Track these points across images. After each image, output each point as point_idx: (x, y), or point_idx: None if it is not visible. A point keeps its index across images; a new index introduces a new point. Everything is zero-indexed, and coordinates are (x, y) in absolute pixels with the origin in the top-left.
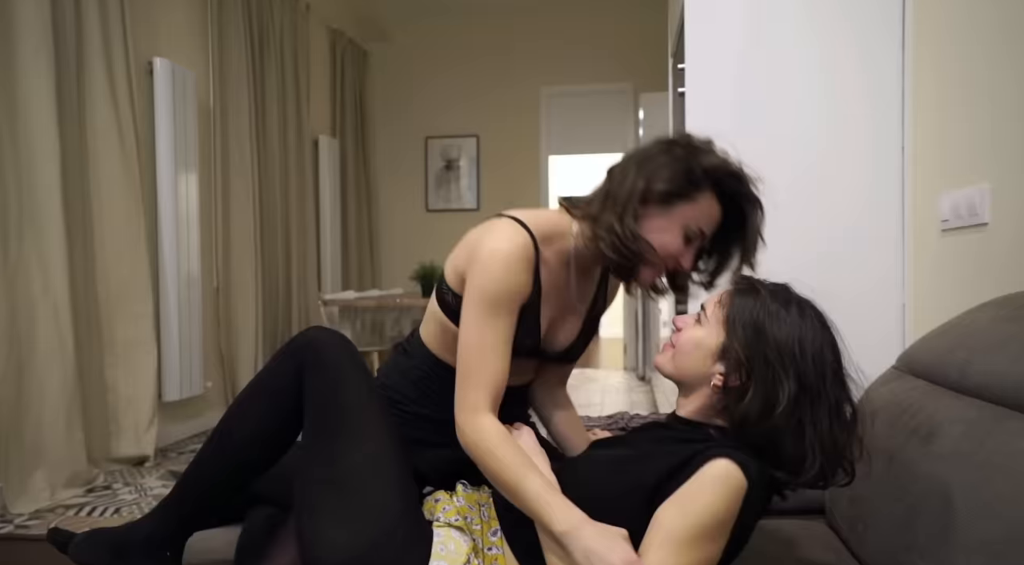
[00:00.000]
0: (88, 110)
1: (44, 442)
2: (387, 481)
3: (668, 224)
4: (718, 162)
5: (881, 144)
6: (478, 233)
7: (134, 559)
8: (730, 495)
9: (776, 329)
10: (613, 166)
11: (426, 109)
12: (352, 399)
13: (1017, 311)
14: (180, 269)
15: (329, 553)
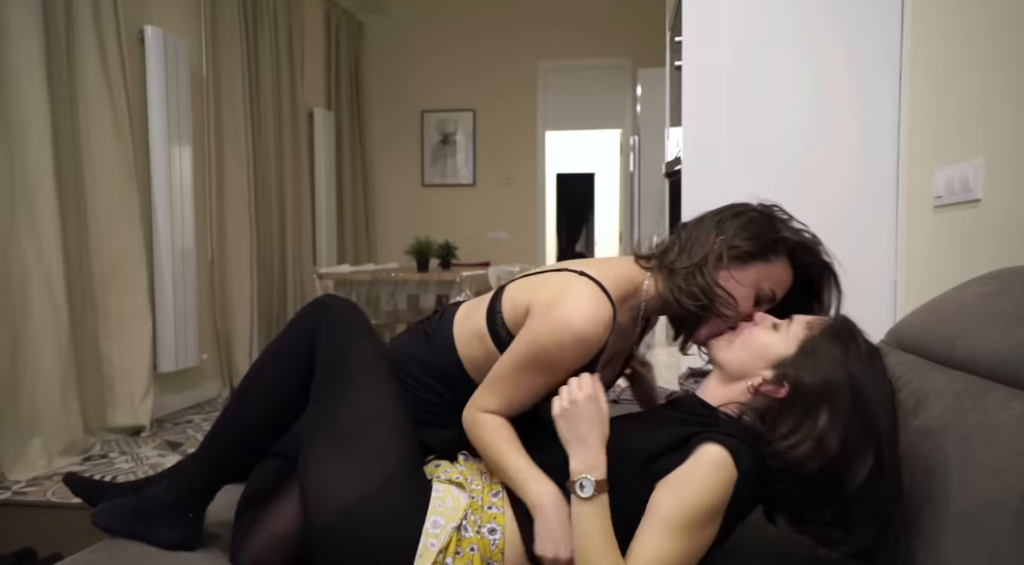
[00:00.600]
0: (79, 79)
1: (40, 411)
2: (388, 433)
3: (743, 283)
4: (795, 229)
5: (877, 120)
6: (556, 288)
7: (159, 524)
8: (721, 482)
9: (850, 380)
10: (687, 222)
11: (422, 82)
12: (358, 356)
13: (1005, 286)
14: (174, 241)
15: (328, 500)
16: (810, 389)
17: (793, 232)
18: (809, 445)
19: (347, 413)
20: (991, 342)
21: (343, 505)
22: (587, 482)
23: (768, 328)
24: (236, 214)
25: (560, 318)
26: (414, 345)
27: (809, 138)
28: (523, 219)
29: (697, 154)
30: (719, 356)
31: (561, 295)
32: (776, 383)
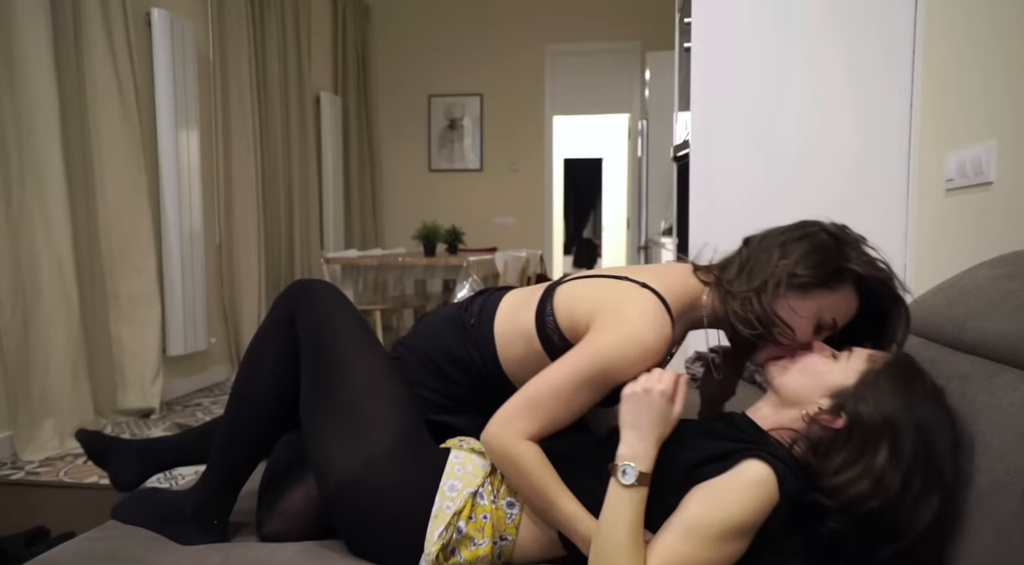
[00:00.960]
0: (86, 62)
1: (51, 392)
2: (385, 400)
3: (803, 310)
4: (865, 259)
5: (889, 103)
6: (619, 299)
7: (185, 529)
8: (759, 501)
9: (914, 421)
10: (751, 237)
11: (429, 67)
12: (341, 330)
13: (1016, 269)
14: (182, 224)
15: (339, 472)
16: (870, 423)
17: (862, 261)
18: (867, 483)
19: (340, 391)
20: (1001, 325)
21: (350, 476)
22: (631, 470)
23: (827, 356)
24: (243, 198)
25: (627, 333)
26: (445, 334)
27: (820, 121)
28: (530, 204)
29: (706, 137)
30: (775, 381)
31: (625, 308)
32: (833, 413)
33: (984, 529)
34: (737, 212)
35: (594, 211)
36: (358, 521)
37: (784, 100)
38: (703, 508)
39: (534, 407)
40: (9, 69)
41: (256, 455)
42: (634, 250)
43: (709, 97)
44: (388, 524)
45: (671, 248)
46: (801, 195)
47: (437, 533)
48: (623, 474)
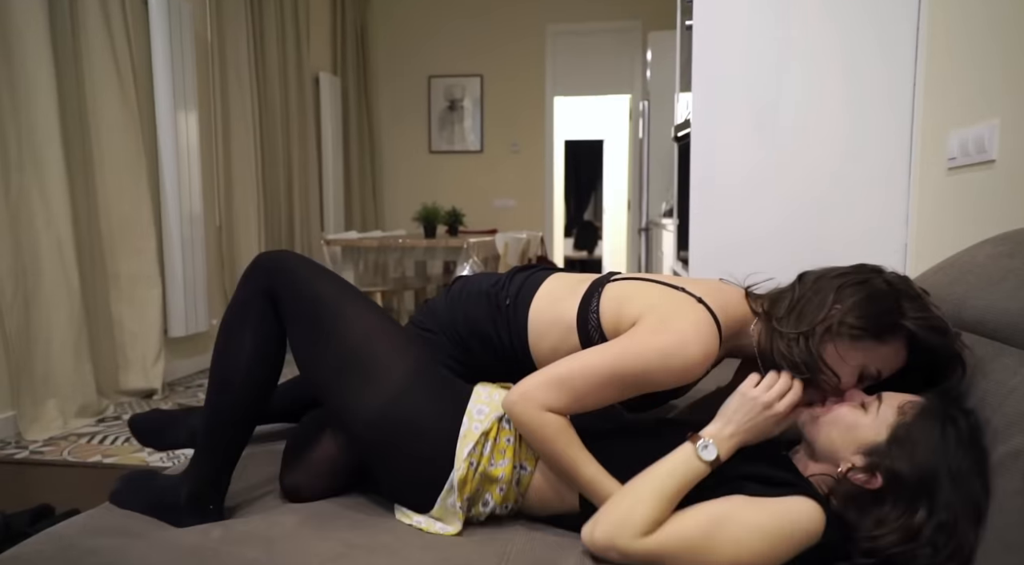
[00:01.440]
0: (83, 43)
1: (54, 373)
2: (387, 346)
3: (849, 359)
4: (921, 316)
5: (892, 82)
6: (674, 308)
7: (182, 516)
8: (799, 531)
9: (950, 472)
10: (808, 273)
11: (429, 47)
12: (325, 290)
13: (1016, 247)
14: (182, 206)
15: (364, 411)
16: (908, 482)
17: (917, 319)
18: (906, 538)
19: (348, 343)
20: (1001, 303)
21: (376, 413)
22: (713, 448)
23: (856, 406)
24: (243, 179)
25: (675, 342)
26: (477, 309)
27: (821, 101)
28: (531, 186)
29: (707, 116)
30: (806, 431)
31: (677, 317)
32: (867, 472)
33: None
34: (738, 192)
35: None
36: (389, 454)
37: (786, 79)
38: (738, 508)
39: (562, 385)
40: (6, 52)
41: (245, 435)
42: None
43: (711, 76)
44: (417, 452)
45: (672, 229)
46: (802, 174)
47: (467, 451)
48: (704, 448)
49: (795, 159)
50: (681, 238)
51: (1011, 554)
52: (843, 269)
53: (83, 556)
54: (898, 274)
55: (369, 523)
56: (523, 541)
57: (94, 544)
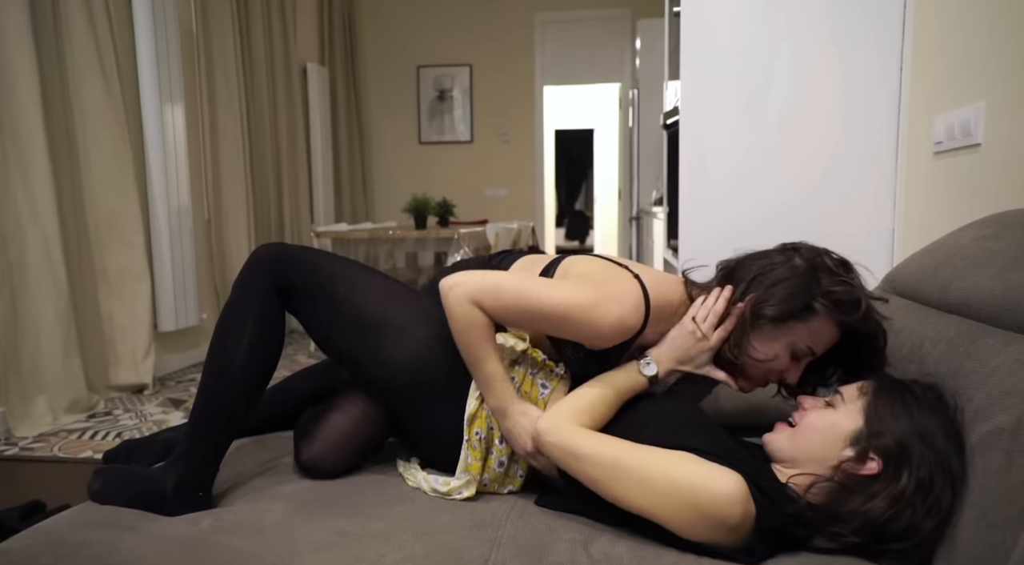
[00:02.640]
0: (66, 36)
1: (43, 369)
2: (408, 302)
3: (775, 340)
4: (838, 290)
5: (879, 66)
6: (610, 273)
7: (170, 505)
8: (704, 499)
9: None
10: (728, 262)
11: (417, 36)
12: (333, 266)
13: (1001, 229)
14: (170, 200)
15: (395, 368)
16: (894, 452)
17: (827, 295)
18: (892, 506)
19: (363, 313)
20: (986, 285)
21: (403, 370)
22: (653, 366)
23: (822, 407)
24: (231, 172)
25: (597, 302)
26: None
27: (809, 85)
28: (521, 176)
29: (695, 102)
30: (783, 450)
31: (610, 282)
32: (862, 460)
33: (972, 485)
34: (727, 179)
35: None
36: (420, 406)
37: (774, 66)
38: (663, 455)
39: (494, 291)
40: None
41: (233, 426)
42: (626, 221)
43: (699, 63)
44: (443, 399)
45: (662, 218)
46: (791, 161)
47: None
48: (647, 365)
49: (784, 146)
50: (671, 226)
51: (994, 531)
52: (760, 252)
53: (73, 549)
54: (816, 248)
55: (361, 510)
56: (514, 527)
57: (84, 537)
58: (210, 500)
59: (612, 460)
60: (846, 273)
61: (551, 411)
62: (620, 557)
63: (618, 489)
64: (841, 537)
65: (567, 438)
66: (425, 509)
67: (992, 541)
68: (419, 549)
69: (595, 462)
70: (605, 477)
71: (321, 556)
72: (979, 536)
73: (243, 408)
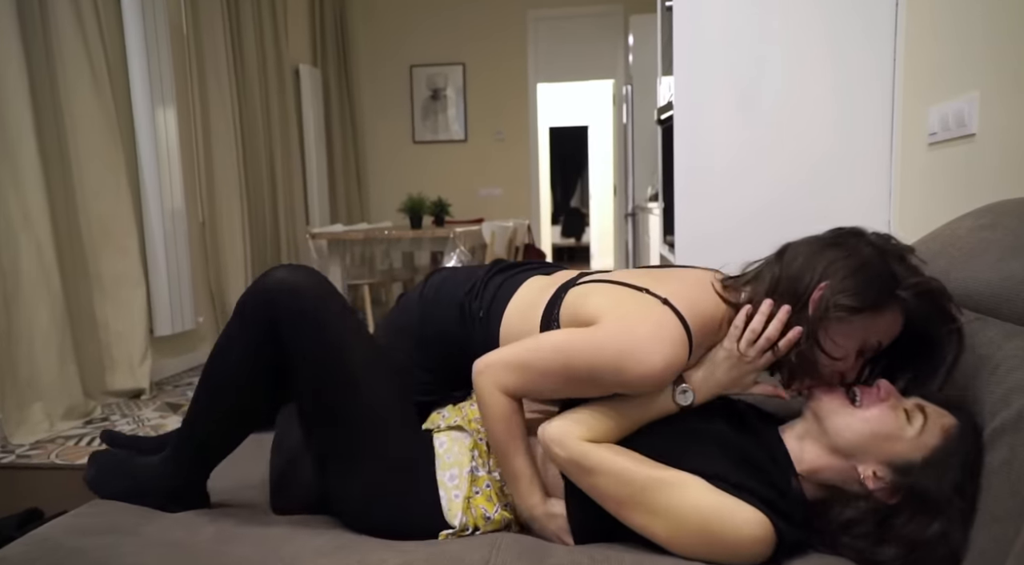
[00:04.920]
0: (54, 35)
1: (39, 375)
2: (387, 430)
3: (846, 338)
4: (915, 281)
5: (873, 58)
6: (635, 311)
7: (165, 504)
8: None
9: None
10: (787, 248)
11: (410, 36)
12: (338, 344)
13: (998, 219)
14: (164, 203)
15: (346, 503)
16: (930, 501)
17: (912, 286)
18: (902, 548)
19: (345, 417)
20: (983, 275)
21: (361, 507)
22: (690, 395)
23: (898, 413)
24: (225, 174)
25: (632, 349)
26: (450, 321)
27: (802, 79)
28: (516, 174)
29: (689, 97)
30: (829, 420)
31: (638, 321)
32: (892, 488)
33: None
34: (722, 172)
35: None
36: (383, 534)
37: (766, 58)
38: (685, 486)
39: (518, 369)
40: None
41: (230, 440)
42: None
43: (692, 58)
44: (406, 530)
45: (658, 213)
46: (786, 154)
47: (458, 522)
48: (682, 393)
49: (779, 139)
50: (667, 222)
51: (999, 524)
52: (820, 238)
53: (70, 556)
54: (879, 234)
55: None
56: (515, 531)
57: (81, 544)
58: (205, 498)
59: (631, 480)
60: (914, 261)
61: (560, 420)
62: (621, 559)
63: (633, 512)
64: (844, 547)
65: (580, 451)
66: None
67: (997, 534)
68: (421, 554)
69: (610, 481)
70: (621, 497)
71: (323, 562)
72: (984, 529)
73: (237, 425)
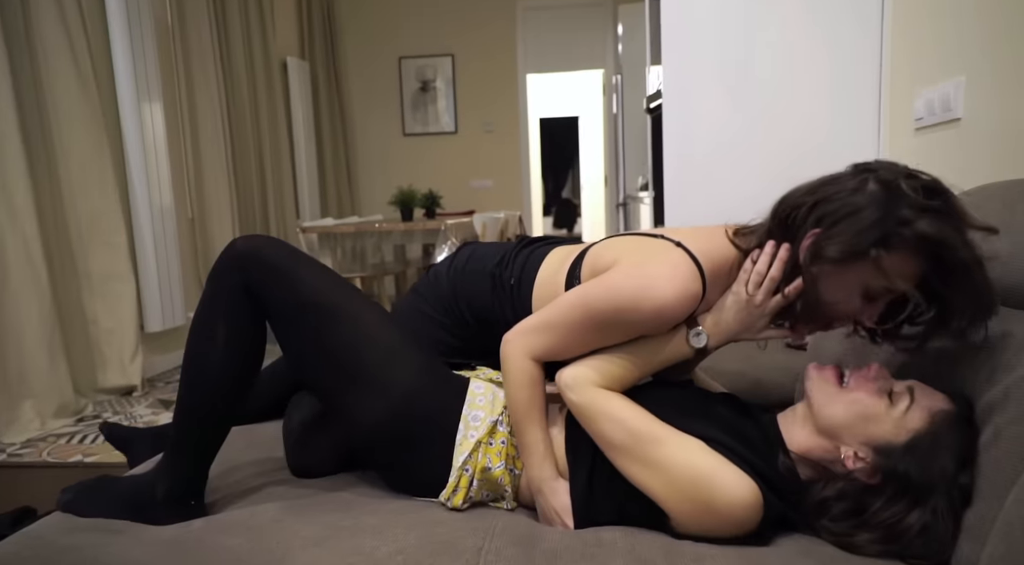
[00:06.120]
0: (36, 31)
1: (29, 373)
2: (389, 352)
3: (839, 283)
4: (920, 222)
5: (860, 44)
6: (649, 252)
7: (160, 514)
8: (717, 501)
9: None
10: (786, 197)
11: (398, 27)
12: (310, 286)
13: (983, 202)
14: (152, 199)
15: (362, 418)
16: (912, 488)
17: (912, 225)
18: (880, 534)
19: (334, 351)
20: None
21: (374, 423)
22: (704, 337)
23: (882, 395)
24: (214, 170)
25: (646, 285)
26: (480, 291)
27: (790, 64)
28: (507, 166)
29: (678, 83)
30: (815, 396)
31: (652, 261)
32: (870, 468)
33: None
34: (712, 159)
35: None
36: (389, 459)
37: (754, 45)
38: (682, 445)
39: (544, 329)
40: None
41: (225, 430)
42: (613, 207)
43: (680, 46)
44: (416, 456)
45: (649, 202)
46: (775, 140)
47: (462, 459)
48: (696, 336)
49: (767, 125)
50: (658, 211)
51: (984, 502)
52: (827, 179)
53: (61, 553)
54: (896, 168)
55: (355, 506)
56: (508, 517)
57: (72, 541)
58: (203, 506)
59: (633, 430)
60: (933, 199)
61: (577, 365)
62: (614, 541)
63: (630, 462)
64: (823, 530)
65: (591, 396)
66: (419, 503)
67: (982, 512)
68: (413, 540)
69: (614, 428)
70: (623, 445)
71: (315, 551)
72: (970, 507)
73: (229, 407)
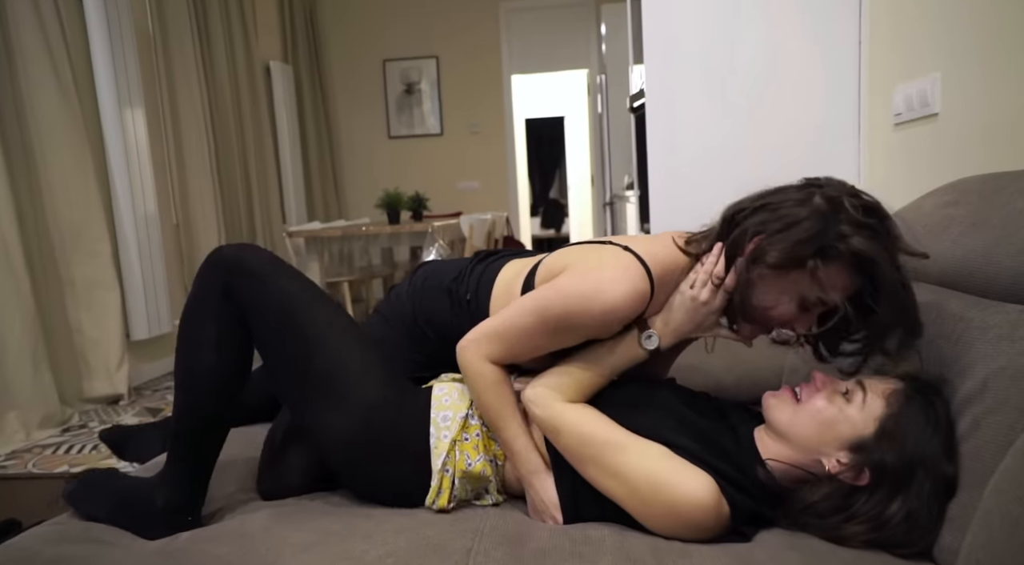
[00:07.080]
0: (14, 37)
1: (12, 384)
2: (360, 355)
3: (774, 289)
4: (855, 239)
5: (838, 41)
6: (597, 257)
7: (156, 526)
8: (678, 503)
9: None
10: (735, 204)
11: (382, 30)
12: (287, 296)
13: (960, 195)
14: (135, 206)
15: (333, 435)
16: (891, 475)
17: (848, 241)
18: (867, 526)
19: (314, 356)
20: (946, 250)
21: (346, 440)
22: (655, 339)
23: (837, 397)
24: (198, 176)
25: (595, 286)
26: (439, 308)
27: (771, 62)
28: (493, 167)
29: (660, 83)
30: (779, 421)
31: (601, 264)
32: (856, 469)
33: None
34: (695, 157)
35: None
36: (365, 474)
37: (735, 43)
38: (643, 452)
39: (497, 336)
40: None
41: (223, 434)
42: (600, 207)
43: (663, 45)
44: (394, 468)
45: (635, 201)
46: (757, 137)
47: (440, 462)
48: (647, 338)
49: (749, 123)
50: (643, 209)
51: (965, 492)
52: (775, 190)
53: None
54: (844, 186)
55: (344, 512)
56: (496, 518)
57: (59, 552)
58: (199, 522)
59: (594, 441)
60: (871, 218)
61: (541, 380)
62: (602, 539)
63: (595, 471)
64: (810, 526)
65: (555, 411)
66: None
67: (964, 502)
68: (402, 543)
69: (577, 440)
70: (585, 455)
71: (305, 557)
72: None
73: (223, 414)
